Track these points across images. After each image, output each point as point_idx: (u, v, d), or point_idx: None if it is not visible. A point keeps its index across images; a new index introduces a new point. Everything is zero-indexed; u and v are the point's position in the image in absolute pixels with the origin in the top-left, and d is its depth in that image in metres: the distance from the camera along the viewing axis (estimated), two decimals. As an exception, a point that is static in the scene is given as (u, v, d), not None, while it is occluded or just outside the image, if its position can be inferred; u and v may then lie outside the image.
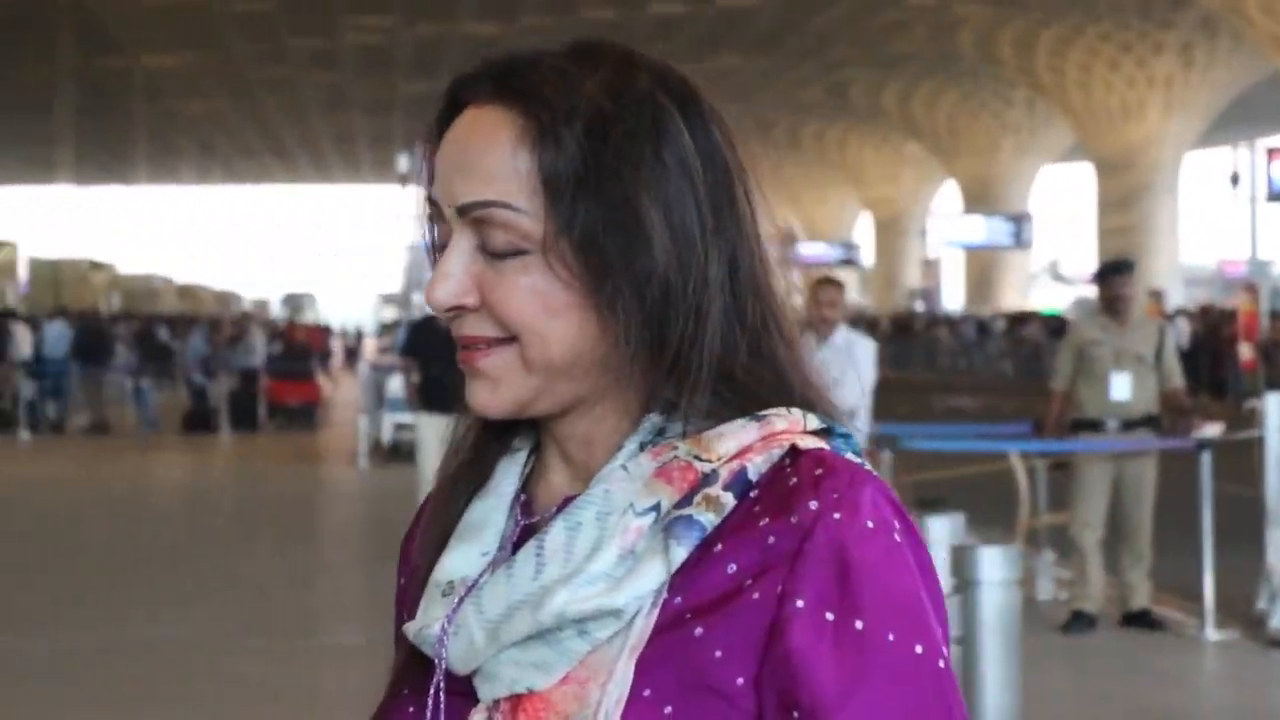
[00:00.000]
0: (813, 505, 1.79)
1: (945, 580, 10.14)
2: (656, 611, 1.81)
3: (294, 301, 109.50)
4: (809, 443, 1.86)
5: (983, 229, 70.51)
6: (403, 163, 50.02)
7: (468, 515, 1.99)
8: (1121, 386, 14.50)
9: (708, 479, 1.82)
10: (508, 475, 2.01)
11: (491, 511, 1.98)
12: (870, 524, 1.78)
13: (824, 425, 1.90)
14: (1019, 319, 62.31)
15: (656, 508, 1.82)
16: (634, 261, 1.85)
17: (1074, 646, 13.34)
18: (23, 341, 40.58)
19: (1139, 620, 14.36)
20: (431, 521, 2.03)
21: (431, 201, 1.93)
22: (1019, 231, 70.43)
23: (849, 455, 1.89)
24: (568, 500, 1.92)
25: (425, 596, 1.95)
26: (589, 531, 1.84)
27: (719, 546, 1.82)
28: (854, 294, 78.74)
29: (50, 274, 74.11)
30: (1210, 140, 68.32)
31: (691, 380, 1.87)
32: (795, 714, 1.78)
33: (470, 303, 1.88)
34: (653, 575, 1.80)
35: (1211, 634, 14.02)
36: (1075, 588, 14.34)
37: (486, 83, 1.91)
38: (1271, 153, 50.92)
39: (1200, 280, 69.61)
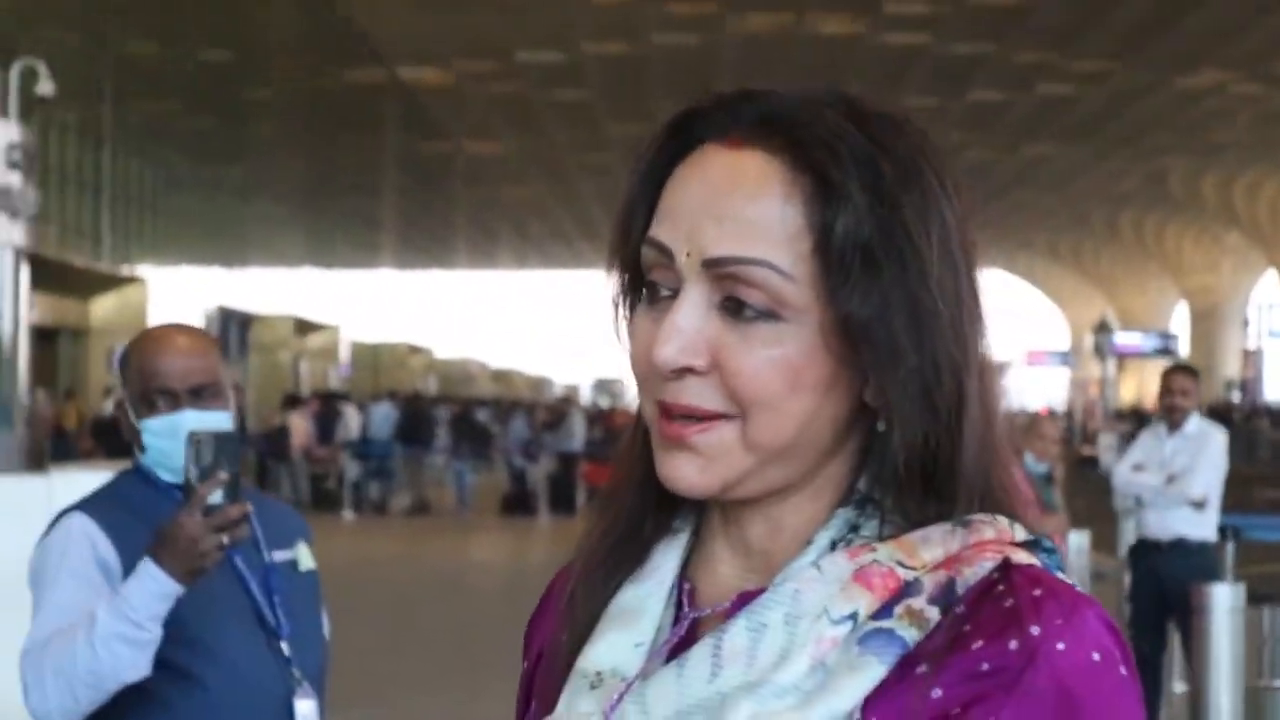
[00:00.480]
0: (1034, 631, 1.68)
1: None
2: None
3: (606, 386, 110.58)
4: (1021, 557, 1.76)
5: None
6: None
7: (619, 600, 1.88)
8: None
9: (910, 588, 1.73)
10: (667, 559, 1.89)
11: (648, 598, 1.87)
12: (1096, 656, 1.68)
13: (1030, 538, 1.80)
14: (1252, 416, 61.75)
15: (854, 616, 1.71)
16: (920, 348, 1.74)
17: None
18: (352, 423, 41.40)
19: None
20: (577, 604, 1.91)
21: (655, 243, 1.79)
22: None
23: (1059, 574, 1.78)
24: (744, 596, 1.81)
25: (569, 688, 1.85)
26: (776, 636, 1.73)
27: (922, 667, 1.71)
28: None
29: (370, 357, 75.39)
30: None
31: (915, 483, 1.78)
32: None
33: (700, 365, 1.74)
34: (848, 694, 1.69)
35: None
36: None
37: (744, 118, 1.79)
38: None
39: None
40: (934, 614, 1.69)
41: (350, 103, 62.76)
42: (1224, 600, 12.07)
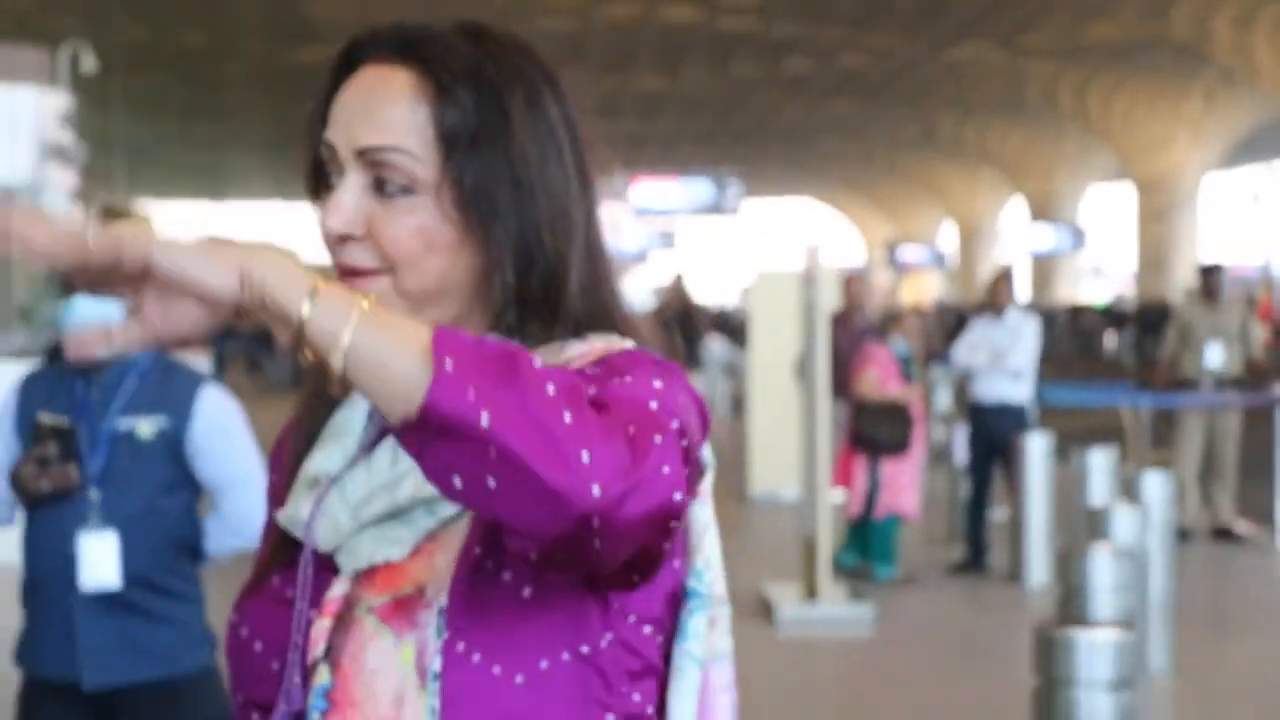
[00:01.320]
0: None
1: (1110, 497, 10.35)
2: None
3: None
4: (625, 346, 1.83)
5: (1050, 237, 70.26)
6: (607, 185, 48.97)
7: (331, 422, 1.91)
8: (1214, 355, 14.65)
9: None
10: None
11: (352, 417, 1.90)
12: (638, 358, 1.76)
13: (635, 347, 1.84)
14: (1078, 310, 61.90)
15: None
16: (519, 210, 1.80)
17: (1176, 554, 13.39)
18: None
19: (1224, 535, 14.55)
20: (300, 428, 1.95)
21: (327, 145, 1.83)
22: (1075, 239, 70.18)
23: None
24: None
25: (293, 492, 1.88)
26: None
27: None
28: (940, 289, 78.43)
29: (321, 271, 74.95)
30: (1228, 164, 67.93)
31: (538, 315, 1.84)
32: None
33: (357, 233, 1.79)
34: None
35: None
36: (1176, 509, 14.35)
37: (387, 45, 1.84)
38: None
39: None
40: None
41: (301, 75, 62.11)
42: (1038, 445, 12.52)
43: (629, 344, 1.82)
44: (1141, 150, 65.00)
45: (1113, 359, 44.35)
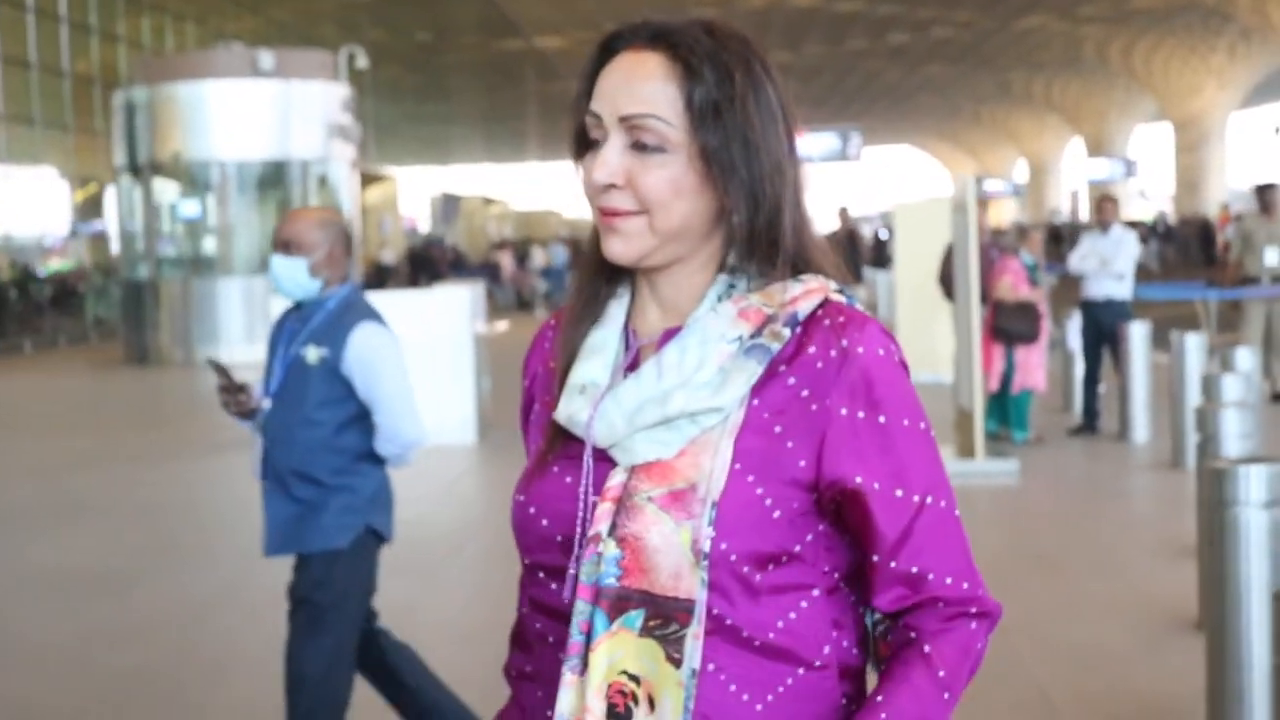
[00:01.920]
0: (844, 342, 1.76)
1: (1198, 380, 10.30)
2: (743, 410, 1.76)
3: None
4: (834, 297, 1.82)
5: (1104, 168, 68.93)
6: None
7: (590, 339, 1.87)
8: (1272, 256, 14.40)
9: (771, 319, 1.78)
10: (617, 311, 1.89)
11: (609, 336, 1.86)
12: (881, 352, 1.77)
13: (839, 288, 1.85)
14: (1129, 224, 60.92)
15: (740, 338, 1.77)
16: (748, 166, 1.78)
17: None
18: (538, 257, 41.05)
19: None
20: (562, 341, 1.90)
21: (593, 113, 1.80)
22: (1125, 169, 68.91)
23: (855, 305, 1.85)
24: (669, 332, 1.84)
25: (565, 394, 1.84)
26: (694, 352, 1.77)
27: (783, 368, 1.77)
28: (1015, 213, 77.20)
29: (527, 219, 73.58)
30: (1249, 104, 66.44)
31: (760, 252, 1.82)
32: (851, 480, 1.75)
33: (619, 183, 1.77)
34: (741, 383, 1.75)
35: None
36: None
37: (640, 35, 1.81)
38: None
39: (1240, 198, 67.40)
40: (786, 333, 1.76)
41: (506, 61, 62.30)
42: (1139, 332, 12.33)
43: (833, 285, 1.83)
44: (1177, 95, 63.67)
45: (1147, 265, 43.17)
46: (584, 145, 1.83)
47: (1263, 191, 14.82)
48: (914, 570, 1.76)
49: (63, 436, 15.53)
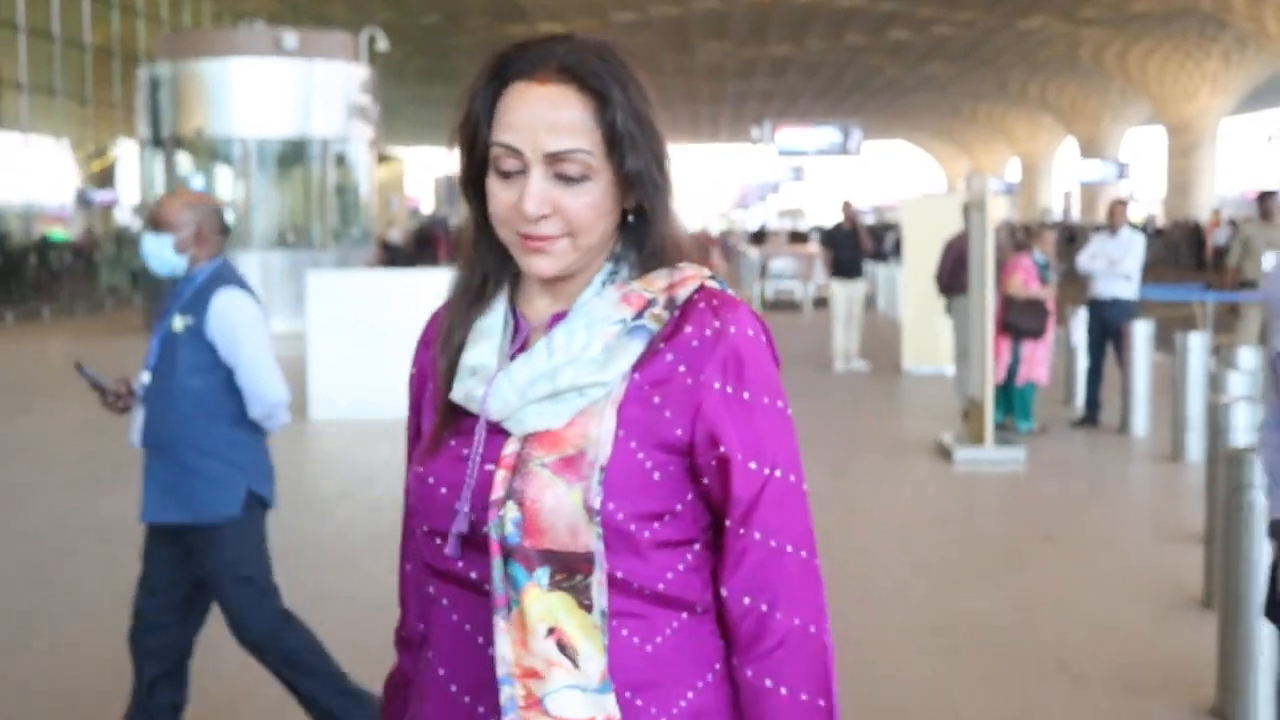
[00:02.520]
0: (717, 323, 1.86)
1: (1204, 371, 10.67)
2: (626, 384, 1.84)
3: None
4: (708, 283, 1.91)
5: (1097, 169, 69.14)
6: (756, 131, 47.48)
7: (477, 326, 1.94)
8: (1271, 259, 14.40)
9: (652, 303, 1.86)
10: (501, 300, 1.96)
11: (495, 322, 1.93)
12: (750, 333, 1.87)
13: (710, 275, 1.93)
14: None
15: (623, 320, 1.85)
16: (656, 178, 1.86)
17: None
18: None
19: None
20: (451, 330, 1.96)
21: (506, 145, 1.83)
22: (1118, 171, 69.07)
23: (726, 290, 1.93)
24: (556, 315, 1.92)
25: (459, 377, 1.91)
26: (581, 334, 1.85)
27: (661, 345, 1.86)
28: (1007, 211, 77.36)
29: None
30: (1242, 110, 66.63)
31: (643, 245, 1.90)
32: (718, 448, 1.85)
33: (548, 212, 1.82)
34: (624, 360, 1.83)
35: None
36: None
37: (548, 66, 1.84)
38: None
39: (1230, 203, 67.43)
40: (665, 315, 1.86)
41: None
42: (1143, 330, 12.58)
43: (705, 272, 1.92)
44: (1171, 100, 63.84)
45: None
46: (477, 166, 1.89)
47: (1263, 198, 15.07)
48: (756, 536, 1.86)
49: (88, 399, 15.69)
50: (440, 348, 1.95)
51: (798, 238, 39.02)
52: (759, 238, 41.74)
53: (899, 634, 6.73)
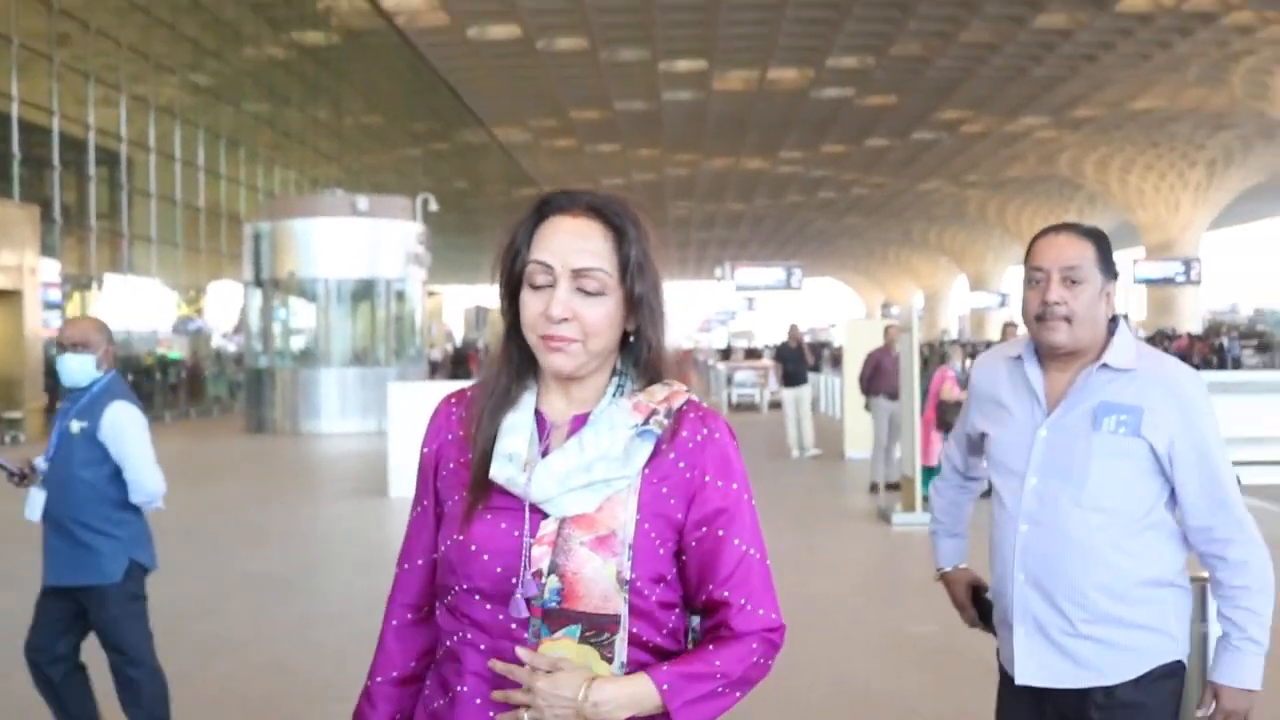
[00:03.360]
0: (705, 430, 1.85)
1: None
2: (640, 478, 1.81)
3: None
4: (690, 396, 1.88)
5: (984, 299, 69.54)
6: (719, 270, 47.59)
7: (507, 421, 1.86)
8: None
9: (655, 412, 1.83)
10: (528, 401, 1.88)
11: (523, 419, 1.86)
12: (727, 437, 1.87)
13: (687, 389, 1.88)
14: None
15: (636, 425, 1.81)
16: (655, 303, 1.84)
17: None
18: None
19: None
20: (483, 425, 1.87)
21: (541, 263, 1.80)
22: (1001, 301, 69.51)
23: (702, 404, 1.90)
24: (578, 418, 1.86)
25: (496, 463, 1.83)
26: (606, 435, 1.80)
27: (664, 446, 1.83)
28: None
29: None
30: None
31: (641, 362, 1.87)
32: (705, 528, 1.83)
33: (569, 317, 1.78)
34: (640, 458, 1.80)
35: None
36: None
37: (579, 205, 1.83)
38: (1135, 262, 49.99)
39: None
40: (665, 422, 1.83)
41: (522, 205, 62.36)
42: None
43: (686, 388, 1.88)
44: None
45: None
46: (514, 284, 1.85)
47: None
48: (728, 598, 1.83)
49: (222, 482, 15.96)
50: (472, 435, 1.88)
51: (752, 354, 39.33)
52: (726, 354, 41.71)
53: (858, 650, 6.93)
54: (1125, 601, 2.68)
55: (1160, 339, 42.85)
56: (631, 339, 1.87)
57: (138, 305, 31.12)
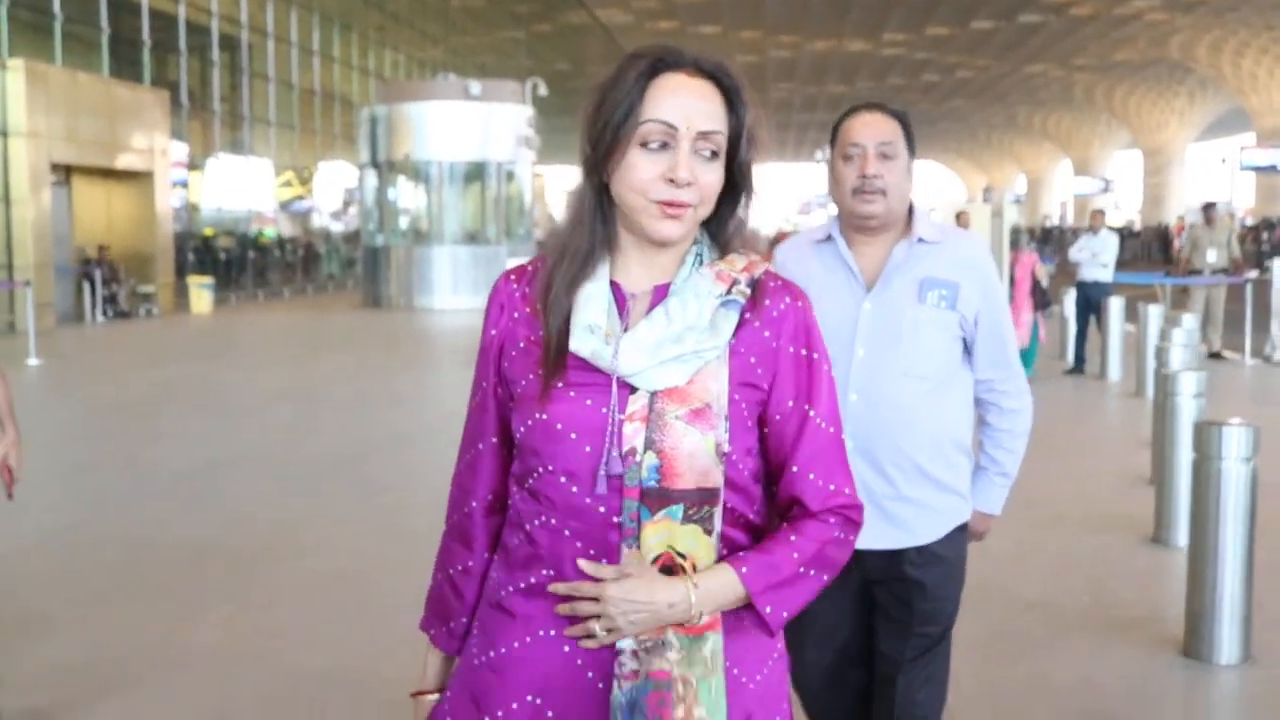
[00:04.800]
0: (788, 299, 1.74)
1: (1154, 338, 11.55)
2: (728, 347, 1.69)
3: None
4: (768, 266, 1.76)
5: (1088, 184, 68.92)
6: (819, 154, 47.68)
7: (583, 291, 1.72)
8: (1212, 254, 15.18)
9: (737, 281, 1.71)
10: (603, 272, 1.73)
11: (599, 289, 1.72)
12: (806, 306, 1.76)
13: (764, 259, 1.78)
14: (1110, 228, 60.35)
15: (720, 294, 1.69)
16: (747, 176, 1.72)
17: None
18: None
19: (1216, 357, 14.82)
20: (559, 296, 1.71)
21: (663, 122, 1.64)
22: (1104, 186, 68.91)
23: (778, 273, 1.79)
24: (659, 288, 1.74)
25: (576, 334, 1.69)
26: (693, 304, 1.68)
27: (748, 315, 1.71)
28: (1016, 217, 76.74)
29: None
30: (1204, 138, 65.91)
31: (730, 233, 1.75)
32: (791, 402, 1.73)
33: (692, 180, 1.64)
34: (727, 328, 1.68)
35: (1248, 361, 14.42)
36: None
37: (689, 64, 1.67)
38: (1243, 149, 49.43)
39: (1192, 212, 66.55)
40: (748, 291, 1.71)
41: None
42: (1117, 304, 13.29)
43: (763, 259, 1.77)
44: (1147, 129, 63.68)
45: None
46: (611, 145, 1.67)
47: (1206, 208, 15.67)
48: (807, 475, 1.73)
49: (347, 352, 16.94)
50: (548, 307, 1.72)
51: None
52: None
53: None
54: (939, 464, 2.88)
55: (1264, 227, 42.44)
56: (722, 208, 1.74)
57: (255, 185, 32.18)
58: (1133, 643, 5.02)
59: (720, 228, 1.75)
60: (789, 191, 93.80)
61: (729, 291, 1.70)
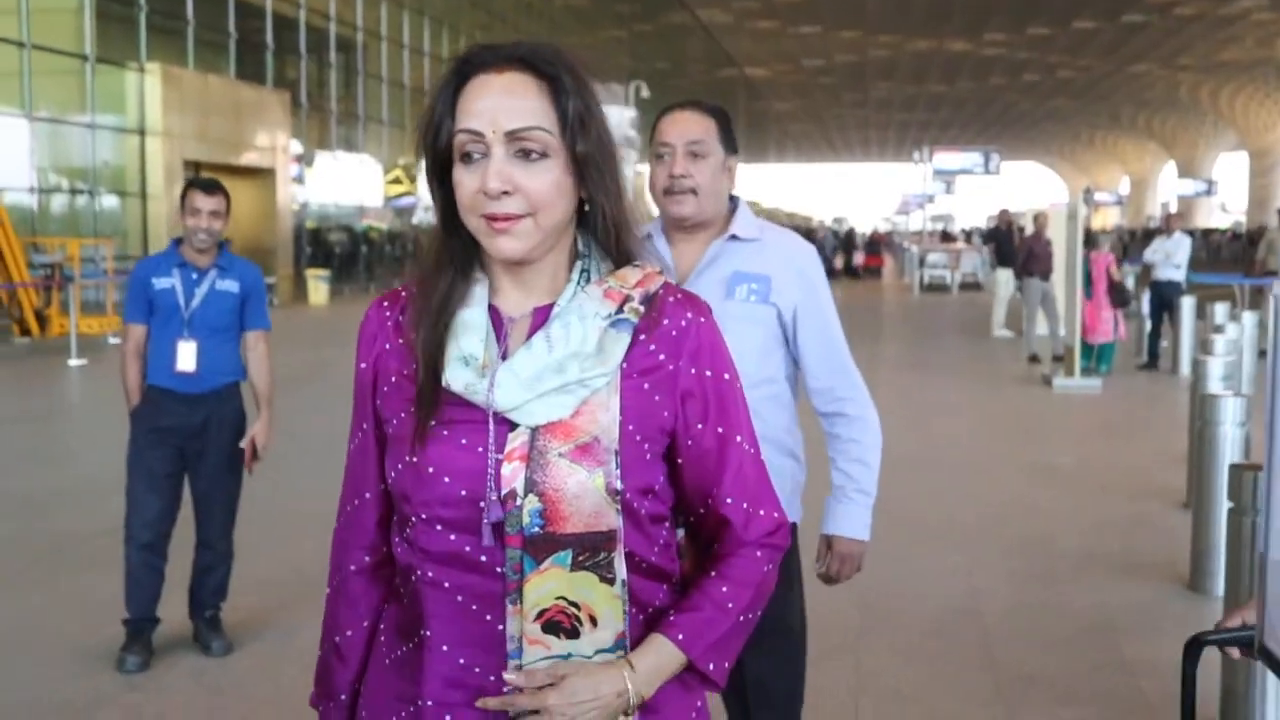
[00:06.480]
0: (689, 315, 1.59)
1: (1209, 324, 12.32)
2: (619, 372, 1.53)
3: (840, 222, 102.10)
4: (664, 278, 1.61)
5: (1192, 186, 68.47)
6: (916, 154, 48.03)
7: (459, 318, 1.56)
8: None
9: (629, 298, 1.56)
10: (480, 296, 1.57)
11: (475, 316, 1.56)
12: (709, 321, 1.61)
13: (660, 271, 1.61)
14: (1207, 232, 59.99)
15: (609, 315, 1.54)
16: (606, 165, 1.54)
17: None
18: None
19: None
20: (433, 322, 1.55)
21: (470, 131, 1.48)
22: (1208, 188, 68.50)
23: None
24: (539, 310, 1.57)
25: (450, 368, 1.52)
26: (577, 328, 1.53)
27: (642, 337, 1.56)
28: (1118, 218, 76.17)
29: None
30: None
31: (609, 239, 1.57)
32: (701, 426, 1.58)
33: (510, 189, 1.47)
34: (618, 352, 1.53)
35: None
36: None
37: (501, 59, 1.51)
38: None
39: None
40: (641, 309, 1.56)
41: (723, 83, 62.73)
42: (1188, 303, 13.96)
43: (659, 273, 1.61)
44: (1253, 130, 63.29)
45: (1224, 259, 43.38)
46: (442, 163, 1.54)
47: None
48: (729, 501, 1.62)
49: None
50: (421, 340, 1.56)
51: (947, 237, 39.85)
52: (918, 237, 42.21)
53: (1012, 472, 8.68)
54: None
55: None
56: (586, 208, 1.58)
57: (365, 181, 33.42)
58: (1145, 579, 6.02)
59: (595, 238, 1.59)
60: (889, 191, 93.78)
61: (620, 310, 1.56)
